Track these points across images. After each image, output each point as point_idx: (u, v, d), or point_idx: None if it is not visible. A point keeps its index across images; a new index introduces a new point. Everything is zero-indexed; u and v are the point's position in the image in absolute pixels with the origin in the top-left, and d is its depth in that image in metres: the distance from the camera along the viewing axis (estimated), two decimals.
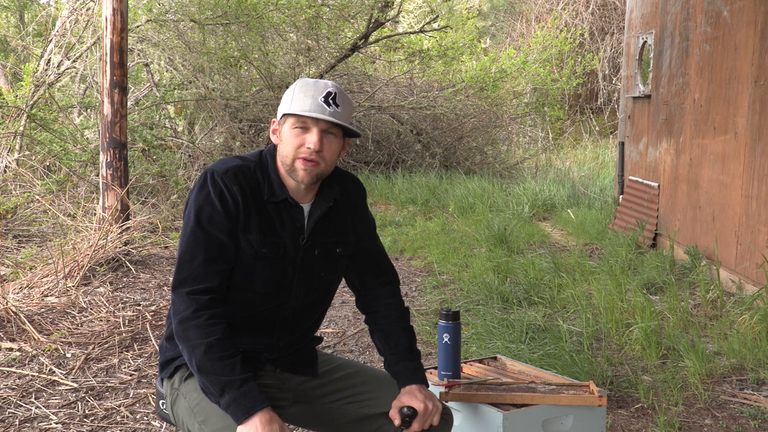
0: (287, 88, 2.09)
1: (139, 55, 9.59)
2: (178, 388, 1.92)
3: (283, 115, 1.90)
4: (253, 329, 1.96)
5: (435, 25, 12.22)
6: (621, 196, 7.36)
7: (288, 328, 2.00)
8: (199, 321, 1.79)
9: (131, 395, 3.45)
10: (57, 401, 3.38)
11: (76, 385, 3.55)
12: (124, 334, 4.19)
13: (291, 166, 1.88)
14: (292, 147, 1.87)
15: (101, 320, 4.43)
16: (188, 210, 1.88)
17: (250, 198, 1.87)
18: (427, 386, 2.01)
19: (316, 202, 1.97)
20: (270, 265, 1.90)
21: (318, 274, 2.00)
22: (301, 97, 1.86)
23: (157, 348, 3.92)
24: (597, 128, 15.13)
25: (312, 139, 1.85)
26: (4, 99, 8.42)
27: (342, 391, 2.03)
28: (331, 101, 1.86)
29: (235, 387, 1.75)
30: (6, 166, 7.96)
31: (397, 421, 1.91)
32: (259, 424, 1.73)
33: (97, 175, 7.50)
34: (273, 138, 1.96)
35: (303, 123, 1.86)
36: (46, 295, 4.73)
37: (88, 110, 9.86)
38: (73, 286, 4.92)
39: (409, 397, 1.93)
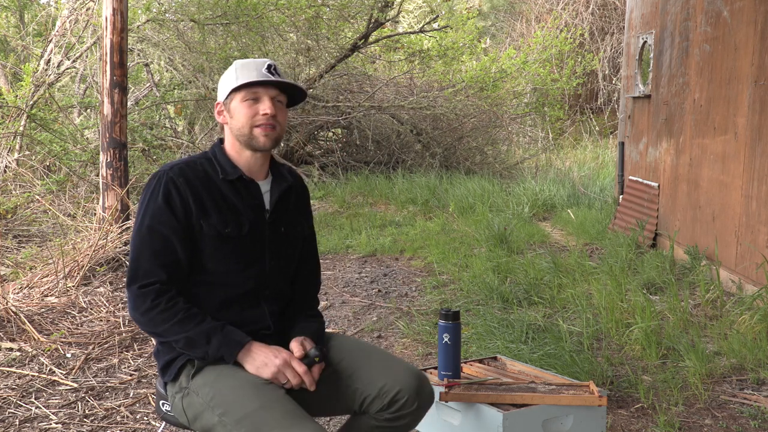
0: None
1: (139, 55, 9.59)
2: (188, 386, 1.93)
3: (231, 91, 1.97)
4: (243, 308, 2.00)
5: (435, 25, 12.21)
6: (621, 196, 7.36)
7: (274, 301, 2.05)
8: (161, 307, 1.88)
9: (131, 395, 3.45)
10: (57, 401, 3.38)
11: (76, 385, 3.55)
12: (124, 334, 4.19)
13: (249, 135, 1.97)
14: (247, 117, 1.96)
15: (101, 320, 4.43)
16: (138, 211, 1.97)
17: (199, 186, 1.95)
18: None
19: (275, 180, 2.06)
20: (239, 244, 1.97)
21: (287, 253, 2.08)
22: (245, 72, 1.97)
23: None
24: (597, 128, 15.13)
25: (265, 105, 1.95)
26: (4, 99, 8.41)
27: (332, 365, 2.03)
28: (273, 71, 1.98)
29: (219, 330, 1.87)
30: (6, 166, 7.96)
31: (299, 352, 1.93)
32: (263, 347, 1.86)
33: (97, 175, 7.50)
34: (219, 119, 2.04)
35: (254, 94, 1.96)
36: (46, 295, 4.73)
37: (88, 110, 9.87)
38: (73, 286, 4.92)
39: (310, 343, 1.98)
